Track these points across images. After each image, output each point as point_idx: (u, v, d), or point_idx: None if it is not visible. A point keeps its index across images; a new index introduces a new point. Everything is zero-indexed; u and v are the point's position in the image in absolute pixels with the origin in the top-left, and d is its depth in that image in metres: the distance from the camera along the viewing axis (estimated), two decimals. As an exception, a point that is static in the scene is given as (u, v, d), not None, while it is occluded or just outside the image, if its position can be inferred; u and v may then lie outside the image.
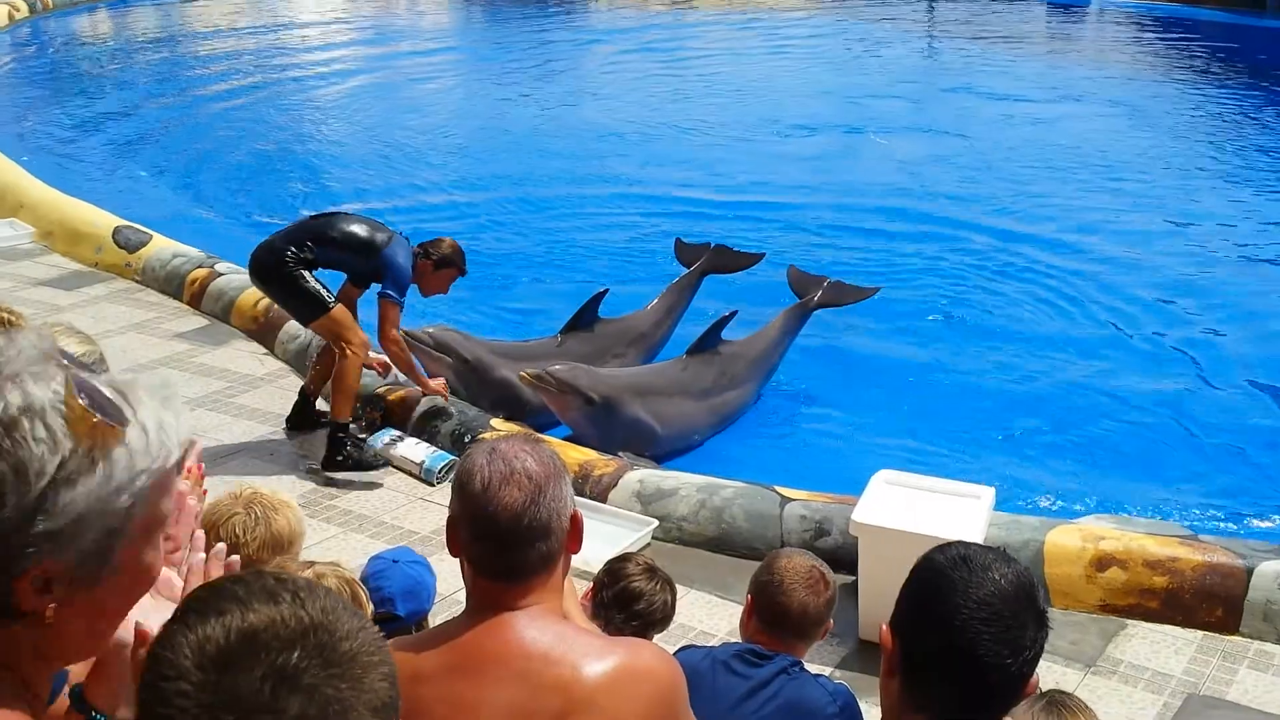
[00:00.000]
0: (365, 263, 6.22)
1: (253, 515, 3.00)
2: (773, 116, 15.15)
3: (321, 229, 6.28)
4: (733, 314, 7.44)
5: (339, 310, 6.19)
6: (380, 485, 6.10)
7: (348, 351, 6.18)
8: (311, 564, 2.79)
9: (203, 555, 1.78)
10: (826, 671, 4.54)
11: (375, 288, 6.27)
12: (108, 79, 18.13)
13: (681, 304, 8.20)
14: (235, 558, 1.84)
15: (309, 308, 6.22)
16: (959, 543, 1.90)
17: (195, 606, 1.17)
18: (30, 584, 1.26)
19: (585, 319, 7.67)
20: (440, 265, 6.41)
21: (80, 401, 1.26)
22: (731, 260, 8.54)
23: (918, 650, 1.84)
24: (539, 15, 24.35)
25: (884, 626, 1.90)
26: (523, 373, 6.70)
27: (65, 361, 1.32)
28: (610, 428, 6.65)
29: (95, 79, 18.14)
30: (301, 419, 6.68)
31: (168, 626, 1.17)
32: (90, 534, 1.27)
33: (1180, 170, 12.91)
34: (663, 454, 6.84)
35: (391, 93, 17.27)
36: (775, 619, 3.06)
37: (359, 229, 6.28)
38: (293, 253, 6.17)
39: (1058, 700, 2.44)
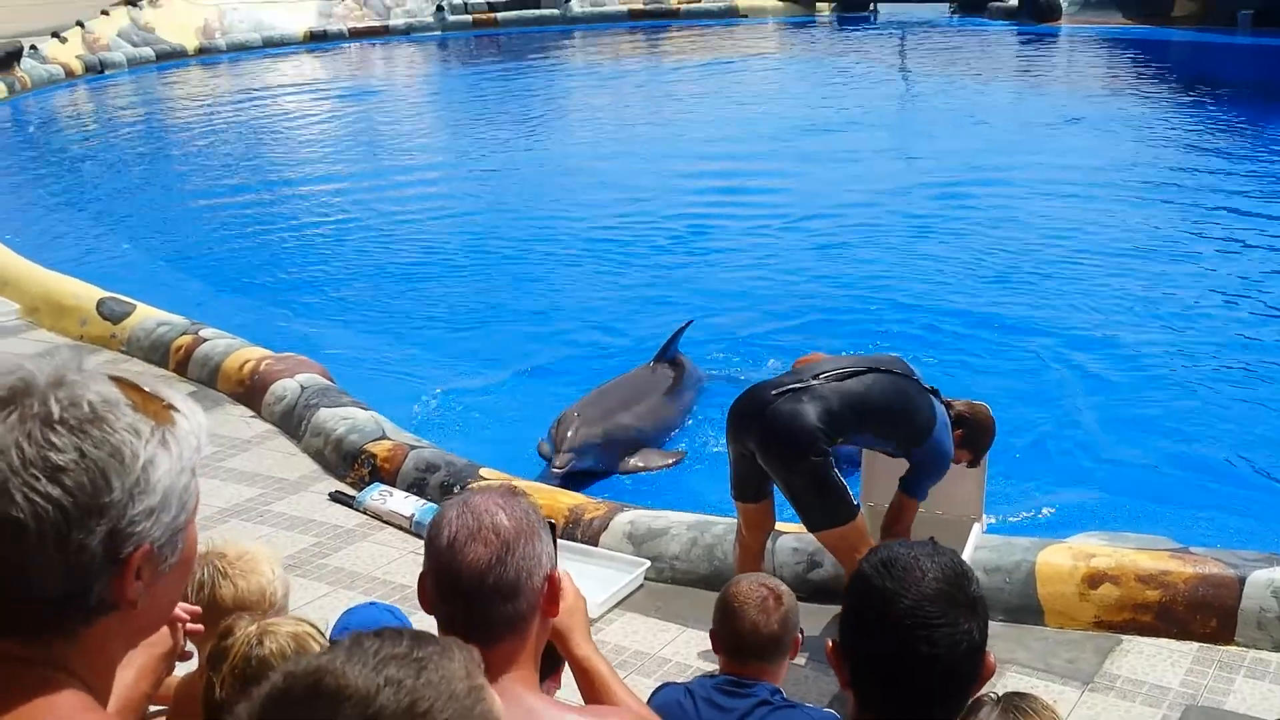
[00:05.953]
0: (900, 450, 4.71)
1: (205, 573, 2.76)
2: (757, 152, 15.28)
3: (864, 400, 4.54)
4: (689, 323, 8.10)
5: (861, 517, 4.62)
6: (370, 541, 6.09)
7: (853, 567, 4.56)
8: (258, 620, 2.51)
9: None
10: (823, 702, 4.53)
11: None
12: (88, 153, 18.22)
13: None
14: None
15: (835, 510, 4.52)
16: (886, 544, 1.93)
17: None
18: (134, 566, 1.33)
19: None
20: (968, 441, 4.89)
21: (145, 388, 1.38)
22: None
23: (856, 658, 1.88)
24: (517, 68, 24.54)
25: (828, 641, 1.93)
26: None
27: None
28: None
29: (75, 154, 18.23)
30: None
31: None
32: (171, 511, 1.36)
33: (1160, 189, 13.00)
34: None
35: (373, 151, 17.38)
36: (733, 645, 3.08)
37: (898, 397, 4.59)
38: (829, 430, 4.47)
39: (1015, 705, 2.43)
